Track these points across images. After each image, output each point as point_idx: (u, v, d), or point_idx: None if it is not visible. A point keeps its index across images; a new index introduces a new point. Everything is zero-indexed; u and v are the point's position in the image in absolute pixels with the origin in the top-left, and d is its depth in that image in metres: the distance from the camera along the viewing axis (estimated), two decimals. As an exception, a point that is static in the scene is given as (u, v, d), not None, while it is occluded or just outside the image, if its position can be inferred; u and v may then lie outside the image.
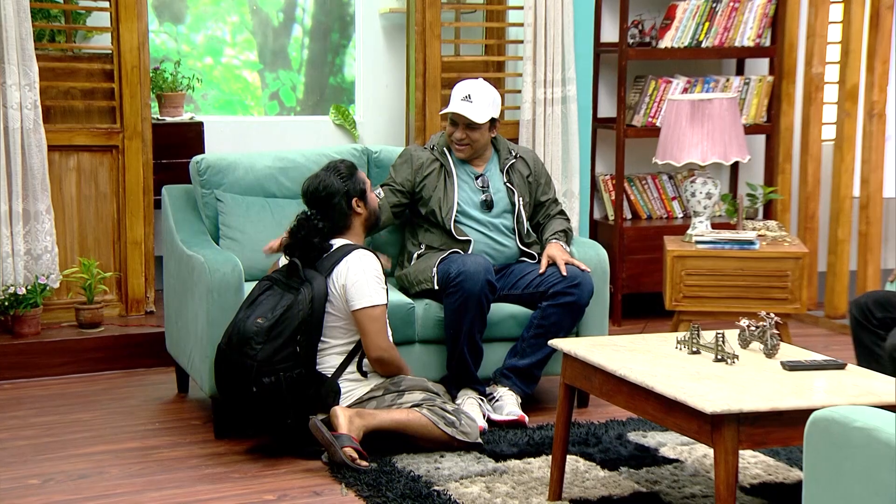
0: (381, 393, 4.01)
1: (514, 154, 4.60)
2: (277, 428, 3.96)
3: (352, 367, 4.02)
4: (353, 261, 4.00)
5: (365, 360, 4.04)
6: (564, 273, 4.35)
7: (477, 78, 4.64)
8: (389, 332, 4.10)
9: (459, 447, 3.95)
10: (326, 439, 3.77)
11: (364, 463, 3.80)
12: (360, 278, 3.97)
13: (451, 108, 4.45)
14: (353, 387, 4.01)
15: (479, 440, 4.00)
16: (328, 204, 4.08)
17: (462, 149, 4.50)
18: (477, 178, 4.54)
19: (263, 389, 3.83)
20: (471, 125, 4.45)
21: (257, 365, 3.82)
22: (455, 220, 4.45)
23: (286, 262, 4.08)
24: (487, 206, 4.52)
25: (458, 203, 4.46)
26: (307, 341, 3.91)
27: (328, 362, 4.00)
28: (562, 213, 4.65)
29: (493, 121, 4.49)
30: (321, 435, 3.78)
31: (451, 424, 3.94)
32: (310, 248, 4.02)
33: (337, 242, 4.09)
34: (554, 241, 4.48)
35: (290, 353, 3.87)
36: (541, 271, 4.39)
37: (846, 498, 2.20)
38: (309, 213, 4.08)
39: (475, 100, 4.43)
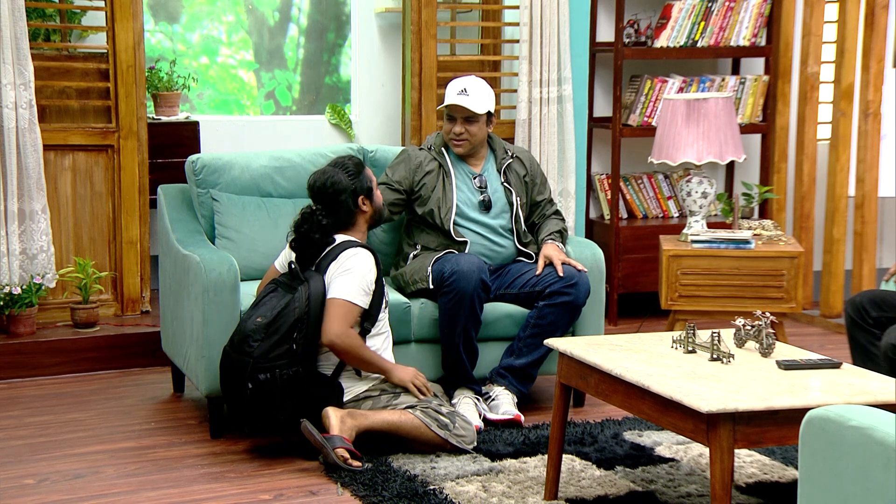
0: (378, 393, 4.00)
1: (510, 154, 4.60)
2: (272, 427, 3.95)
3: (348, 369, 4.01)
4: (346, 256, 3.99)
5: None
6: (561, 273, 4.35)
7: (470, 75, 4.64)
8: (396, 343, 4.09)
9: (453, 450, 3.95)
10: (318, 441, 3.77)
11: (357, 463, 3.79)
12: (344, 274, 3.95)
13: (448, 102, 4.45)
14: (351, 384, 4.01)
15: (474, 444, 3.98)
16: (334, 201, 4.07)
17: (460, 143, 4.49)
18: (475, 179, 4.54)
19: (258, 386, 3.82)
20: (469, 118, 4.45)
21: (253, 361, 3.82)
22: (454, 222, 4.44)
23: (286, 253, 4.11)
24: (486, 206, 4.51)
25: (457, 204, 4.46)
26: (304, 339, 3.90)
27: (326, 361, 4.00)
28: (557, 213, 4.65)
29: (489, 115, 4.50)
30: (312, 437, 3.77)
31: (445, 427, 3.94)
32: (310, 243, 4.02)
33: (339, 238, 4.08)
34: (550, 241, 4.48)
35: (286, 350, 3.86)
36: (538, 272, 4.39)
37: (841, 497, 2.20)
38: (314, 207, 4.08)
39: (471, 93, 4.43)
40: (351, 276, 3.95)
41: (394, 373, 4.01)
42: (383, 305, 4.08)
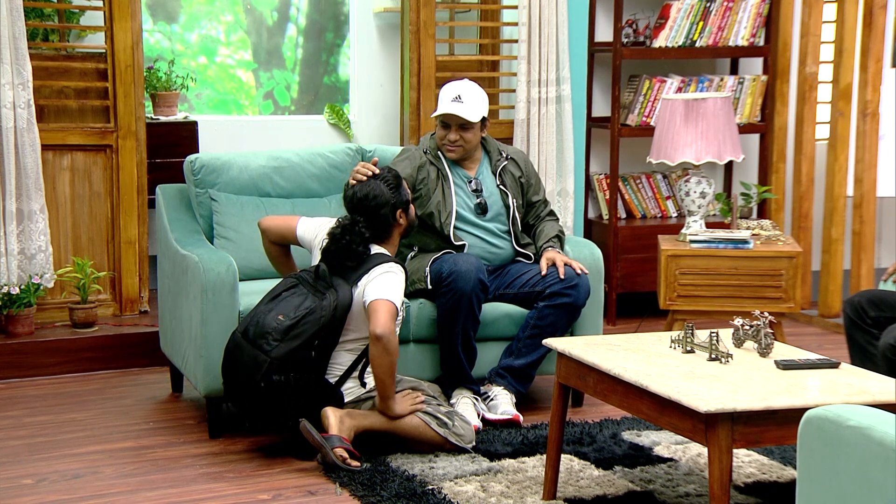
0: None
1: (504, 155, 4.59)
2: (275, 425, 3.95)
3: (354, 376, 4.00)
4: (384, 269, 3.94)
5: (367, 370, 4.00)
6: (563, 276, 4.34)
7: (462, 79, 4.62)
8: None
9: (452, 449, 3.95)
10: (317, 441, 3.76)
11: (355, 463, 3.79)
12: (387, 280, 3.90)
13: (442, 110, 4.43)
14: (352, 385, 4.00)
15: (473, 443, 3.98)
16: (375, 214, 4.01)
17: (455, 149, 4.48)
18: (470, 182, 4.53)
19: (271, 387, 3.81)
20: (464, 125, 4.44)
21: (270, 361, 3.80)
22: (454, 226, 4.43)
23: (315, 247, 4.07)
24: (482, 209, 4.51)
25: (456, 210, 4.45)
26: (323, 348, 3.89)
27: (332, 370, 3.99)
28: (552, 213, 4.65)
29: (483, 120, 4.49)
30: (311, 437, 3.77)
31: (444, 426, 3.93)
32: (350, 255, 3.96)
33: (373, 250, 4.03)
34: (549, 248, 4.47)
35: (305, 356, 3.85)
36: (542, 273, 4.38)
37: (840, 496, 2.20)
38: (355, 219, 4.00)
39: (466, 99, 4.42)
40: (392, 281, 3.91)
41: (396, 406, 3.90)
42: (398, 319, 4.07)
